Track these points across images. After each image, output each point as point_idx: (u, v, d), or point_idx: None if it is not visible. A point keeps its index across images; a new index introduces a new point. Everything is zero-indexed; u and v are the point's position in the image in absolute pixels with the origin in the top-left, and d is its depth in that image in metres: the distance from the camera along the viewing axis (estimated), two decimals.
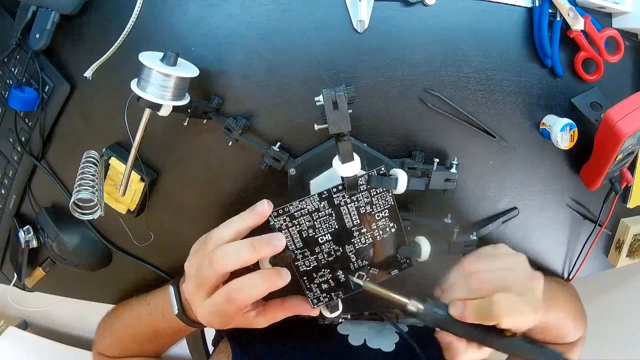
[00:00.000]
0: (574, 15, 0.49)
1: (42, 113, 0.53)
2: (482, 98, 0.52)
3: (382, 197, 0.45)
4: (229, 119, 0.49)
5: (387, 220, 0.47)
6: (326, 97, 0.40)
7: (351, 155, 0.42)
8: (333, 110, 0.40)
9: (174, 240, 0.58)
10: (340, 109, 0.40)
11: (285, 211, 0.44)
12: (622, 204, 0.61)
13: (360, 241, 0.47)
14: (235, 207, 0.54)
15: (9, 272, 0.65)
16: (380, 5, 0.48)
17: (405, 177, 0.45)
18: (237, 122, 0.49)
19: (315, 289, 0.49)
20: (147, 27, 0.48)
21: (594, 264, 0.65)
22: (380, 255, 0.48)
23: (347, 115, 0.40)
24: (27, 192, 0.59)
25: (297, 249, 0.47)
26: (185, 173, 0.55)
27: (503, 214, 0.58)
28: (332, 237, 0.46)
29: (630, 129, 0.47)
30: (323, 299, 0.49)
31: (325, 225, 0.46)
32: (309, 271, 0.48)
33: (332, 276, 0.48)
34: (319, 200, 0.44)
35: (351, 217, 0.46)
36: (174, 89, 0.43)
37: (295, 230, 0.45)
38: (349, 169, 0.42)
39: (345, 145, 0.41)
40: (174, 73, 0.42)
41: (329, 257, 0.47)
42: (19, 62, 0.52)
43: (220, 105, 0.50)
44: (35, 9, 0.47)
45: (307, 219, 0.45)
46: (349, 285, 0.49)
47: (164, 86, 0.42)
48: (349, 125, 0.40)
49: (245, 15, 0.48)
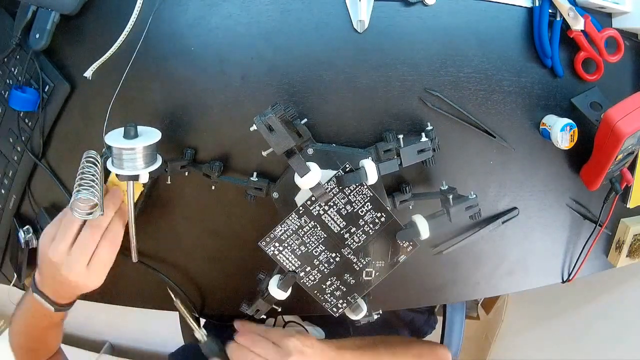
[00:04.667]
0: (574, 15, 0.49)
1: (42, 113, 0.53)
2: (482, 98, 0.52)
3: (359, 192, 0.45)
4: (205, 166, 0.51)
5: (373, 212, 0.46)
6: (258, 124, 0.41)
7: (305, 167, 0.42)
8: (270, 133, 0.41)
9: (172, 242, 0.58)
10: (276, 130, 0.41)
11: (272, 238, 0.46)
12: (622, 204, 0.61)
13: (354, 241, 0.47)
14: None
15: (9, 272, 0.65)
16: (380, 5, 0.48)
17: (372, 165, 0.44)
18: (213, 167, 0.51)
19: (330, 298, 0.50)
20: (147, 27, 0.48)
21: (594, 264, 0.64)
22: (381, 247, 0.48)
23: (285, 134, 0.41)
24: (27, 192, 0.59)
25: (297, 268, 0.48)
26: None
27: (503, 214, 0.58)
28: (325, 247, 0.47)
29: (630, 129, 0.47)
30: (341, 305, 0.50)
31: (315, 238, 0.47)
32: (316, 284, 0.49)
33: (340, 282, 0.49)
34: (298, 217, 0.46)
35: (336, 222, 0.46)
36: (144, 158, 0.46)
37: (288, 251, 0.47)
38: (309, 180, 0.43)
39: (296, 160, 0.42)
40: (138, 145, 0.45)
41: (330, 265, 0.48)
42: (19, 62, 0.52)
43: (194, 156, 0.52)
44: (35, 9, 0.47)
45: (295, 237, 0.46)
46: (362, 285, 0.49)
47: (133, 159, 0.45)
48: (292, 141, 0.41)
49: (245, 15, 0.48)
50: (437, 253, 0.58)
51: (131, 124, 0.45)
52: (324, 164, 0.48)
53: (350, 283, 0.49)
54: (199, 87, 0.50)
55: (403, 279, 0.59)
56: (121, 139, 0.45)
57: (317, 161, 0.47)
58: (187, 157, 0.52)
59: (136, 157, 0.45)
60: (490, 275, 0.61)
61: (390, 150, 0.48)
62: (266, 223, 0.48)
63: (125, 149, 0.45)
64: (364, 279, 0.49)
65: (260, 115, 0.41)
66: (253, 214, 0.55)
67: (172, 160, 0.50)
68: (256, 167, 0.52)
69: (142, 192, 0.54)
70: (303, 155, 0.48)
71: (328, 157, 0.48)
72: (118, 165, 0.46)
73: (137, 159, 0.45)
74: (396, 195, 0.51)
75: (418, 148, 0.48)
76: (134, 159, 0.45)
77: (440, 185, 0.49)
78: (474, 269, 0.61)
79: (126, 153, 0.45)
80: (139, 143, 0.45)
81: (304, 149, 0.48)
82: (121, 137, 0.45)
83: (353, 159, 0.47)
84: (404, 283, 0.59)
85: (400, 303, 0.61)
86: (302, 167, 0.42)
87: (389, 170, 0.47)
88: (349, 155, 0.49)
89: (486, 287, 0.61)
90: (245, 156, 0.52)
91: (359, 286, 0.49)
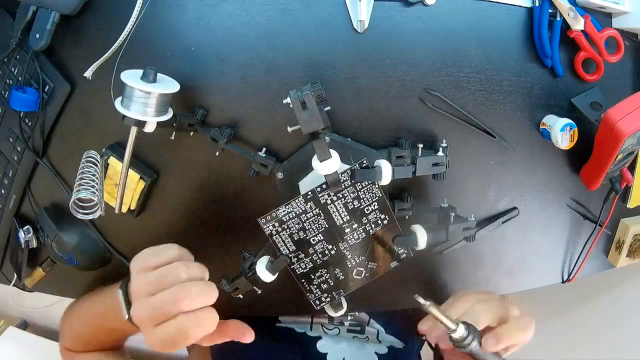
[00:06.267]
0: (574, 15, 0.49)
1: (42, 113, 0.53)
2: (482, 98, 0.52)
3: (369, 190, 0.45)
4: (213, 130, 0.49)
5: (378, 213, 0.46)
6: (294, 98, 0.40)
7: (327, 152, 0.41)
8: (303, 111, 0.40)
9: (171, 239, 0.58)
10: (309, 108, 0.40)
11: (273, 217, 0.45)
12: (622, 204, 0.61)
13: (353, 237, 0.47)
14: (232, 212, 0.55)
15: (9, 272, 0.65)
16: (380, 5, 0.48)
17: (389, 167, 0.44)
18: (222, 132, 0.49)
19: (315, 290, 0.49)
20: (147, 27, 0.48)
21: (594, 264, 0.65)
22: (377, 248, 0.48)
23: (317, 114, 0.40)
24: (27, 192, 0.59)
25: (291, 252, 0.47)
26: (179, 182, 0.55)
27: (503, 214, 0.58)
28: (323, 237, 0.47)
29: (630, 129, 0.47)
30: (325, 299, 0.49)
31: (315, 226, 0.46)
32: (306, 273, 0.48)
33: (330, 275, 0.48)
34: (305, 202, 0.45)
35: (340, 215, 0.46)
36: (156, 106, 0.43)
37: (286, 234, 0.46)
38: (327, 167, 0.42)
39: (321, 143, 0.41)
40: (154, 90, 0.42)
41: (324, 256, 0.47)
42: (19, 62, 0.52)
43: (204, 117, 0.50)
44: (35, 9, 0.47)
45: (296, 221, 0.45)
46: (350, 283, 0.49)
47: (146, 103, 0.42)
48: (321, 123, 0.40)
49: (245, 15, 0.48)
50: (437, 253, 0.58)
51: (152, 67, 0.42)
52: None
53: (339, 278, 0.48)
54: (199, 87, 0.50)
55: (402, 279, 0.59)
56: (138, 80, 0.42)
57: None
58: (198, 117, 0.49)
59: (149, 102, 0.42)
60: (490, 275, 0.61)
61: (402, 157, 0.48)
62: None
63: (140, 90, 0.41)
64: (353, 277, 0.48)
65: (297, 89, 0.40)
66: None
67: (181, 115, 0.48)
68: (265, 144, 0.51)
69: (142, 191, 0.54)
70: None
71: (342, 150, 0.47)
72: (127, 105, 0.42)
73: (149, 104, 0.42)
74: (396, 202, 0.51)
75: (434, 161, 0.48)
76: (147, 104, 0.42)
77: (440, 202, 0.50)
78: (474, 269, 0.61)
79: (139, 95, 0.42)
80: (156, 89, 0.42)
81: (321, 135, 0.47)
82: (139, 78, 0.42)
83: (367, 157, 0.46)
84: (403, 283, 0.59)
85: (400, 303, 0.61)
86: (325, 152, 0.41)
87: (403, 176, 0.47)
88: (363, 152, 0.48)
89: (486, 287, 0.61)
90: (256, 130, 0.51)
91: (346, 283, 0.49)
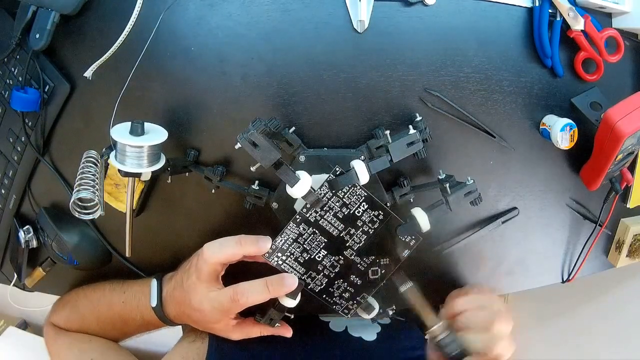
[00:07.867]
0: (574, 15, 0.49)
1: (43, 113, 0.53)
2: (482, 98, 0.52)
3: (352, 193, 0.45)
4: (207, 169, 0.51)
5: (370, 211, 0.46)
6: (242, 141, 0.41)
7: (294, 177, 0.42)
8: (255, 149, 0.41)
9: (171, 240, 0.58)
10: (260, 144, 0.41)
11: (274, 249, 0.46)
12: (622, 204, 0.61)
13: (355, 242, 0.47)
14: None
15: (9, 272, 0.65)
16: (380, 5, 0.48)
17: (362, 165, 0.45)
18: (215, 171, 0.50)
19: (339, 301, 0.50)
20: (147, 27, 0.48)
21: (594, 264, 0.65)
22: (383, 244, 0.48)
23: (269, 147, 0.41)
24: (27, 192, 0.58)
25: (303, 275, 0.48)
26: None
27: (503, 214, 0.58)
28: (327, 251, 0.47)
29: (630, 129, 0.47)
30: (352, 307, 0.50)
31: (315, 244, 0.47)
32: (324, 289, 0.49)
33: (347, 284, 0.49)
34: (296, 225, 0.46)
35: (334, 226, 0.46)
36: (149, 157, 0.45)
37: (291, 260, 0.47)
38: (300, 189, 0.43)
39: (284, 170, 0.42)
40: (144, 143, 0.44)
41: (334, 268, 0.48)
42: (19, 62, 0.52)
43: (197, 158, 0.52)
44: (35, 9, 0.47)
45: (296, 246, 0.47)
46: (369, 284, 0.49)
47: (139, 157, 0.45)
48: (277, 154, 0.41)
49: (245, 15, 0.48)
50: (438, 253, 0.58)
51: (138, 120, 0.44)
52: (318, 169, 0.48)
53: (357, 284, 0.49)
54: (199, 88, 0.50)
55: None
56: (127, 135, 0.44)
57: (310, 167, 0.47)
58: (190, 158, 0.51)
59: (141, 155, 0.44)
60: (490, 275, 0.61)
61: (381, 147, 0.48)
62: (265, 230, 0.48)
63: (131, 145, 0.44)
64: (370, 278, 0.49)
65: (242, 132, 0.41)
66: (252, 219, 0.55)
67: (174, 159, 0.50)
68: (259, 175, 0.51)
69: (142, 190, 0.54)
70: (295, 163, 0.48)
71: (321, 162, 0.48)
72: (121, 160, 0.45)
73: (141, 157, 0.45)
74: (395, 190, 0.51)
75: (407, 141, 0.46)
76: (139, 156, 0.44)
77: (438, 175, 0.49)
78: (474, 269, 0.61)
79: (131, 150, 0.44)
80: (146, 142, 0.44)
81: (296, 157, 0.48)
82: (127, 132, 0.44)
83: (345, 161, 0.47)
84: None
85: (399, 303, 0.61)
86: (291, 177, 0.42)
87: (380, 168, 0.46)
88: (340, 157, 0.49)
89: (486, 287, 0.61)
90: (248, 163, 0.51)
91: (366, 285, 0.49)
